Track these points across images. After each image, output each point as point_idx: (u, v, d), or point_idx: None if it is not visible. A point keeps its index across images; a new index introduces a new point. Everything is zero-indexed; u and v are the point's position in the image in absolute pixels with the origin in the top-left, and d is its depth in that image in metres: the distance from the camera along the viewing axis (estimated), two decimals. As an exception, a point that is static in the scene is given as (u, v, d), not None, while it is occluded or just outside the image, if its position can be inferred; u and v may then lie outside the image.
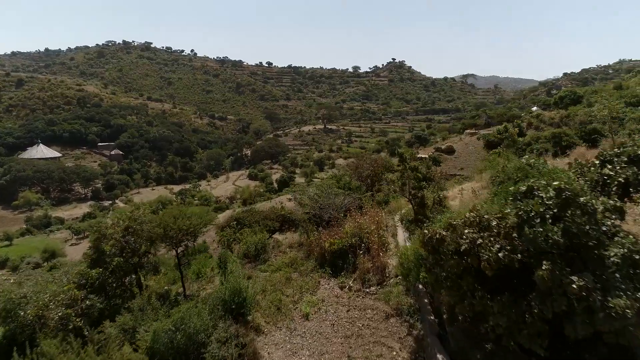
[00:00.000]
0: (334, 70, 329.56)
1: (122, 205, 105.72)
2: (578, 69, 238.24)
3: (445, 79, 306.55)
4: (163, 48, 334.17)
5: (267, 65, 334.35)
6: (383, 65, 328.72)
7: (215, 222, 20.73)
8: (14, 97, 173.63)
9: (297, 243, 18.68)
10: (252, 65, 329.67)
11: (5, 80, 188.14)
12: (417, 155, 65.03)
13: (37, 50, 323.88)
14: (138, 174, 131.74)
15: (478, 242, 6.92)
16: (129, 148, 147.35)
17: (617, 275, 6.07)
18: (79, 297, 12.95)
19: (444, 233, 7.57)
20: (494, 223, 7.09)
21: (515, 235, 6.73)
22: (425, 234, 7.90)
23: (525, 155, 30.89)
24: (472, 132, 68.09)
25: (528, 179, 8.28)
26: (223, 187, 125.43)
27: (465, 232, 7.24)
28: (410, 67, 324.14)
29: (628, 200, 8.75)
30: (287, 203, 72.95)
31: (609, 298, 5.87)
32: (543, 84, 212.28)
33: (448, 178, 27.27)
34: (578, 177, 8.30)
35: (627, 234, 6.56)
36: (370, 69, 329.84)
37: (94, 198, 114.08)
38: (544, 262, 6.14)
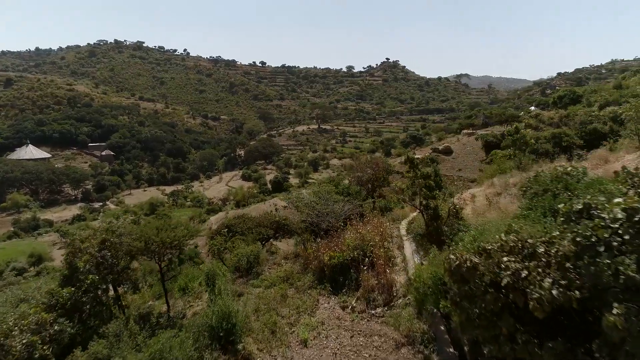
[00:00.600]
0: (328, 70, 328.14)
1: (112, 207, 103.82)
2: (570, 69, 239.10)
3: (439, 79, 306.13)
4: (155, 47, 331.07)
5: (260, 65, 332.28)
6: (377, 65, 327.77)
7: (204, 230, 19.21)
8: (3, 97, 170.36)
9: (292, 254, 17.28)
10: (245, 65, 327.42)
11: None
12: (414, 156, 63.93)
13: (27, 50, 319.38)
14: (129, 175, 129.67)
15: (523, 274, 5.55)
16: (120, 148, 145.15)
17: None
18: (48, 320, 11.47)
19: (476, 260, 6.20)
20: (541, 250, 5.72)
21: (571, 267, 5.36)
22: (452, 260, 6.52)
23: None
24: (469, 132, 67.03)
25: (577, 193, 6.91)
26: (216, 188, 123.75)
27: (504, 260, 5.87)
28: (404, 67, 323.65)
29: None
30: (281, 205, 71.61)
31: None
32: (537, 84, 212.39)
33: (456, 183, 25.85)
34: (628, 188, 6.91)
35: None
36: (364, 69, 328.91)
37: (84, 200, 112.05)
38: (615, 304, 4.78)
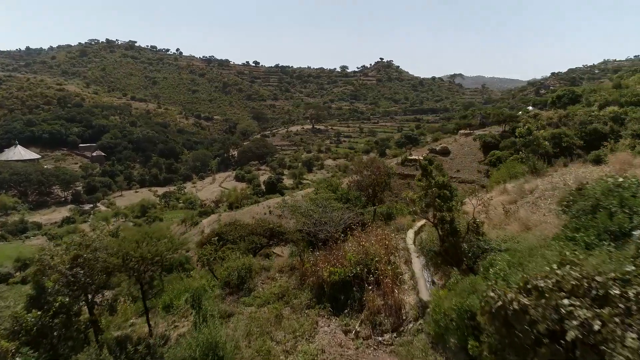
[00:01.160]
0: (322, 70, 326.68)
1: (103, 209, 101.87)
2: (563, 69, 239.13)
3: (433, 79, 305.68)
4: (148, 47, 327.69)
5: (254, 65, 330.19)
6: (371, 65, 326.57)
7: (190, 243, 17.79)
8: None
9: (288, 266, 15.89)
10: (238, 65, 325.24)
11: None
12: (410, 157, 62.61)
13: (17, 49, 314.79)
14: (121, 176, 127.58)
15: (596, 327, 4.22)
16: (112, 149, 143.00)
17: None
18: (9, 350, 10.03)
19: (525, 301, 4.87)
20: (616, 292, 4.41)
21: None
22: (492, 300, 5.18)
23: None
24: (466, 132, 65.89)
25: (638, 211, 5.60)
26: (209, 189, 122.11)
27: (565, 303, 4.54)
28: (398, 66, 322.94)
29: None
30: (275, 207, 70.08)
31: None
32: (531, 84, 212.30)
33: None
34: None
35: None
36: (358, 69, 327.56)
37: (74, 201, 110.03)
38: None
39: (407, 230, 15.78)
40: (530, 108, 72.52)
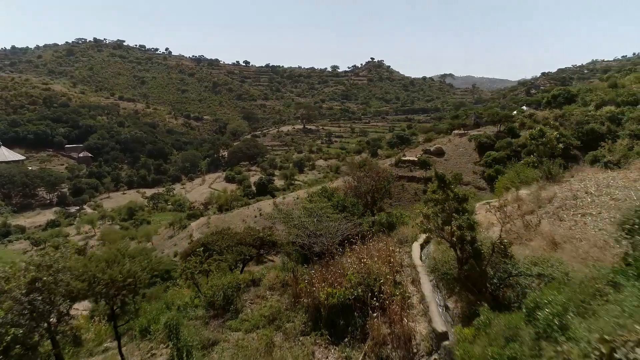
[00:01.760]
0: (313, 70, 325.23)
1: (90, 211, 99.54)
2: (552, 69, 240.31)
3: (424, 79, 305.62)
4: (136, 46, 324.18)
5: (244, 65, 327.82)
6: (362, 65, 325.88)
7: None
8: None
9: (280, 282, 14.41)
10: (228, 64, 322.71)
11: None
12: (404, 158, 61.34)
13: (2, 48, 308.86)
14: (108, 178, 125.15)
15: None
16: (99, 150, 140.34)
17: None
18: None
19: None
20: None
21: None
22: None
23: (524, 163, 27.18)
24: (460, 132, 64.80)
25: None
26: (199, 190, 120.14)
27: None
28: (389, 66, 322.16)
29: None
30: (266, 216, 68.53)
31: None
32: (522, 84, 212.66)
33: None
34: None
35: None
36: (349, 69, 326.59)
37: (60, 204, 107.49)
38: None
39: (411, 243, 14.36)
40: (525, 108, 71.69)
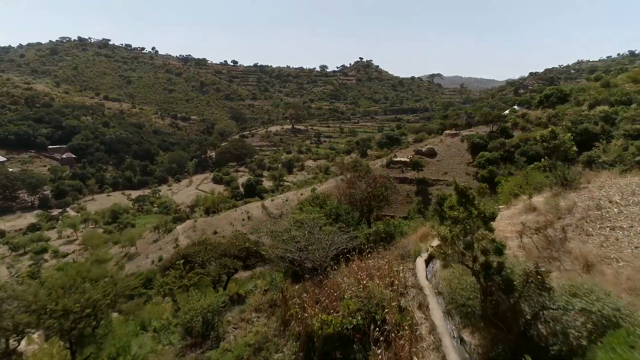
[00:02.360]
0: (301, 70, 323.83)
1: (73, 214, 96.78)
2: (538, 69, 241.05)
3: (413, 79, 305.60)
4: (122, 45, 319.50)
5: (232, 64, 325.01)
6: (350, 65, 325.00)
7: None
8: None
9: (267, 302, 12.86)
10: (216, 64, 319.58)
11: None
12: (396, 159, 60.11)
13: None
14: (92, 179, 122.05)
15: None
16: (83, 151, 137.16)
17: None
18: None
19: None
20: None
21: None
22: None
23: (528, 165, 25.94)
24: (452, 132, 63.74)
25: None
26: (185, 192, 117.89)
27: None
28: (378, 66, 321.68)
29: None
30: (254, 213, 66.77)
31: None
32: (510, 84, 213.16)
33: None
34: None
35: None
36: (338, 68, 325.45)
37: (42, 206, 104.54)
38: None
39: (414, 258, 12.88)
40: (517, 108, 70.84)
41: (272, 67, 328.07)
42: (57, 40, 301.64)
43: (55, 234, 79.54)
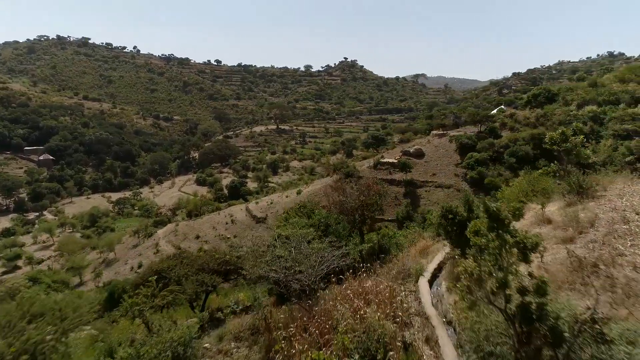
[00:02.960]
0: (286, 69, 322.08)
1: (50, 218, 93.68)
2: (520, 70, 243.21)
3: (397, 79, 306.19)
4: (103, 44, 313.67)
5: (215, 64, 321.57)
6: (335, 65, 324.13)
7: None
8: None
9: (248, 329, 11.33)
10: (199, 64, 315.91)
11: None
12: (383, 160, 58.89)
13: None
14: (71, 181, 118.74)
15: None
16: (61, 152, 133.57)
17: None
18: None
19: None
20: None
21: None
22: None
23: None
24: (439, 133, 62.79)
25: None
26: (168, 193, 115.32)
27: None
28: (363, 66, 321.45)
29: None
30: (238, 216, 64.85)
31: None
32: (494, 84, 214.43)
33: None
34: None
35: None
36: (323, 68, 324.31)
37: (17, 210, 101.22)
38: None
39: (416, 279, 11.46)
40: (504, 107, 70.35)
41: (256, 66, 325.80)
42: (35, 39, 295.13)
43: (31, 239, 76.58)
